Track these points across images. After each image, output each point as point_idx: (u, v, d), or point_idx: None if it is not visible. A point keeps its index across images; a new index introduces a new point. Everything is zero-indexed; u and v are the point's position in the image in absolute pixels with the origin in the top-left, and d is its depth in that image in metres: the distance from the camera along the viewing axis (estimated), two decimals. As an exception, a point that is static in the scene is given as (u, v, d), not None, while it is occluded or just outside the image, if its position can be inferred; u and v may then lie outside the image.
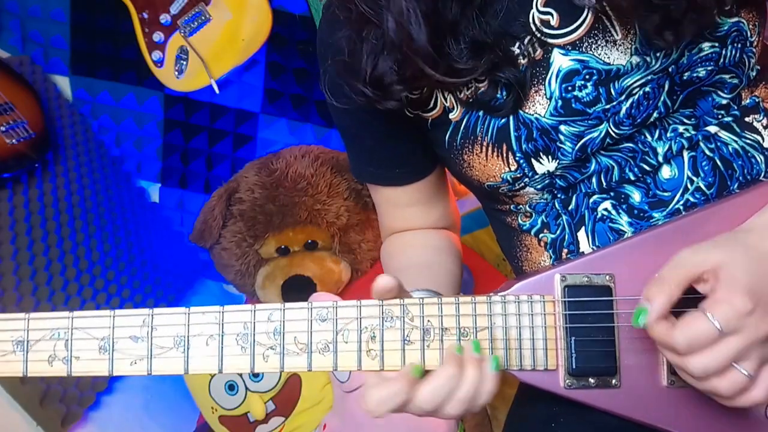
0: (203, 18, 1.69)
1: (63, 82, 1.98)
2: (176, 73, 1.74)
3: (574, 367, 0.64)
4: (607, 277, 0.65)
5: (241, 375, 1.51)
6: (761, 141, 0.70)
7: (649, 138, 0.69)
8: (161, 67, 1.75)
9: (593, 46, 0.66)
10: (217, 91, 1.75)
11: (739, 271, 0.57)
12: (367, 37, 0.69)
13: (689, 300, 0.58)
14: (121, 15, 1.76)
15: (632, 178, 0.70)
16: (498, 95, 0.69)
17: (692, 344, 0.56)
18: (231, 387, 1.51)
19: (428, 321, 0.63)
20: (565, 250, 0.74)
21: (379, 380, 0.61)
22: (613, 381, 0.65)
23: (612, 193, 0.71)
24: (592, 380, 0.65)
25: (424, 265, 0.82)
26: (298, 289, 1.59)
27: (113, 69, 1.96)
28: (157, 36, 1.72)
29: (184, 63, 1.73)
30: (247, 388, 1.50)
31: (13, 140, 1.60)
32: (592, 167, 0.71)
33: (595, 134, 0.68)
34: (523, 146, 0.70)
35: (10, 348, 0.63)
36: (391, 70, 0.68)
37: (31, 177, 1.67)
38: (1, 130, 1.58)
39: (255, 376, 1.51)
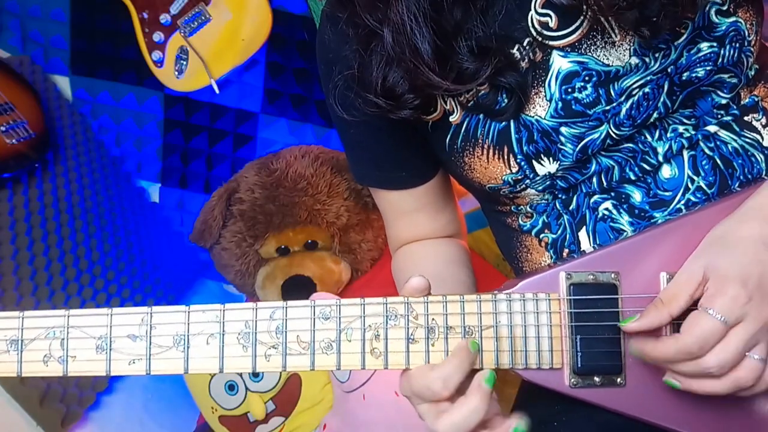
0: (203, 18, 1.69)
1: (63, 82, 1.97)
2: (176, 73, 1.74)
3: (579, 365, 0.64)
4: (613, 275, 0.65)
5: (241, 375, 1.50)
6: (760, 140, 0.70)
7: (649, 138, 0.69)
8: (161, 67, 1.74)
9: (592, 47, 0.66)
10: (217, 91, 1.75)
11: (722, 264, 0.59)
12: (375, 49, 0.68)
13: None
14: (121, 15, 1.75)
15: (633, 177, 0.70)
16: (499, 99, 0.69)
17: (703, 343, 0.57)
18: (231, 387, 1.50)
19: (433, 319, 0.62)
20: (566, 250, 0.74)
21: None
22: (619, 380, 0.64)
23: (612, 193, 0.71)
24: (597, 379, 0.64)
25: (438, 278, 0.81)
26: (298, 289, 1.58)
27: (113, 69, 1.95)
28: (157, 36, 1.72)
29: (184, 63, 1.73)
30: (247, 388, 1.50)
31: (13, 140, 1.59)
32: (593, 168, 0.70)
33: (596, 135, 0.68)
34: (524, 148, 0.69)
35: (4, 347, 0.62)
36: (402, 80, 0.67)
37: (31, 177, 1.66)
38: (1, 130, 1.58)
39: (255, 375, 1.50)
